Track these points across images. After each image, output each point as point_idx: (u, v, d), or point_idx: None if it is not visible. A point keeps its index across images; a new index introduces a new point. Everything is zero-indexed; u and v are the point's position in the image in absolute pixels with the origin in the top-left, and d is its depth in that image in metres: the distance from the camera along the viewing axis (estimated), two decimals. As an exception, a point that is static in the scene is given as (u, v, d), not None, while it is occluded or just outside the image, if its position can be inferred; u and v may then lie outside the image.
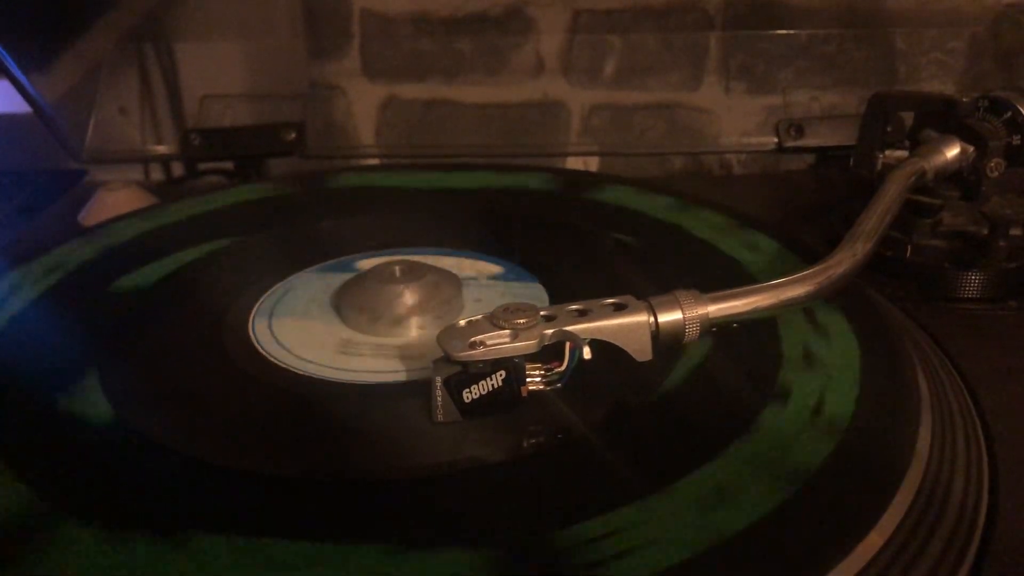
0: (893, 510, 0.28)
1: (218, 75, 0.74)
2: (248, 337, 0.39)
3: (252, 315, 0.41)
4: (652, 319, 0.32)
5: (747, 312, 0.34)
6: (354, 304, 0.40)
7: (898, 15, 0.68)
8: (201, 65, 0.74)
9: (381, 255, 0.46)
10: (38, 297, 0.43)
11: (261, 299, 0.43)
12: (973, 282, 0.46)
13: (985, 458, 0.34)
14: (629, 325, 0.32)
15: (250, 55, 0.75)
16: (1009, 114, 0.47)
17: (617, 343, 0.32)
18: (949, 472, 0.32)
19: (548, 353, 0.32)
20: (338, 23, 0.72)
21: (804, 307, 0.38)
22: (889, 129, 0.52)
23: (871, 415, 0.32)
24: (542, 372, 0.31)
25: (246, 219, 0.54)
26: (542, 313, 0.32)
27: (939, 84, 0.69)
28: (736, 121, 0.71)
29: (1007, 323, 0.44)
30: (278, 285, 0.44)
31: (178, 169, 0.77)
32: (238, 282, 0.45)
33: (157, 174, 0.78)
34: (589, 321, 0.32)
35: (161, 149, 0.75)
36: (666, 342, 0.33)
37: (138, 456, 0.32)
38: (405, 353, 0.38)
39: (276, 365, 0.37)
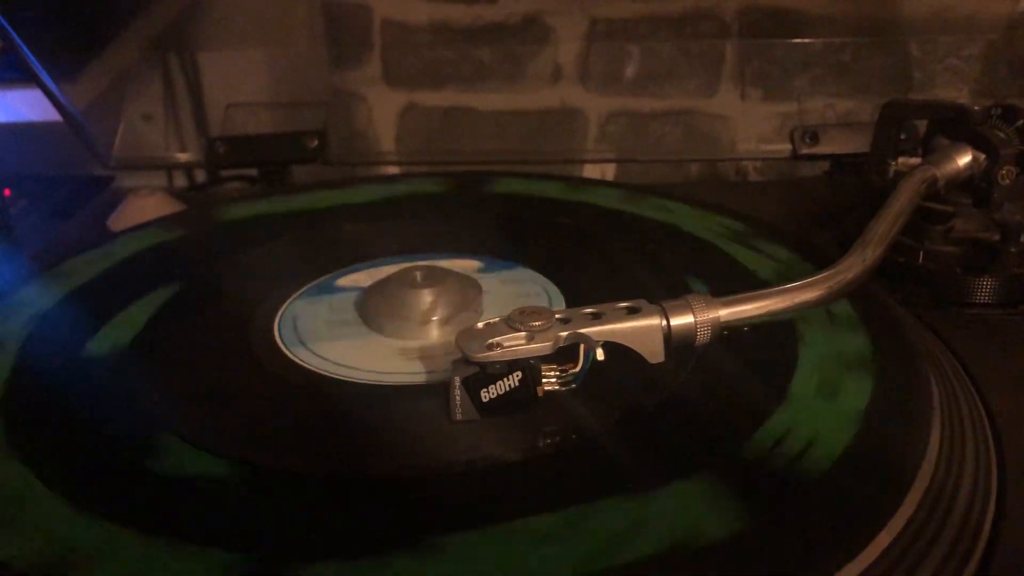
0: (902, 511, 0.29)
1: (241, 83, 0.76)
2: (274, 340, 0.41)
3: (278, 319, 0.43)
4: (664, 322, 0.33)
5: (758, 316, 0.34)
6: (377, 308, 0.41)
7: (913, 23, 0.69)
8: (224, 73, 0.76)
9: (404, 260, 0.47)
10: (67, 300, 0.45)
11: (287, 303, 0.44)
12: (985, 287, 0.46)
13: (994, 461, 0.34)
14: (642, 328, 0.33)
15: (272, 64, 0.76)
16: (1021, 122, 0.47)
17: (630, 345, 0.33)
18: (958, 474, 0.32)
19: (563, 355, 0.32)
20: (359, 32, 0.74)
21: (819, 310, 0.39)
22: (902, 137, 0.52)
23: (882, 418, 0.33)
24: (557, 373, 0.32)
25: (270, 225, 0.55)
26: (557, 316, 0.33)
27: (954, 91, 0.69)
28: (752, 128, 0.72)
29: (1018, 328, 0.45)
30: (303, 289, 0.46)
31: (201, 176, 0.78)
32: (264, 287, 0.46)
33: (181, 181, 0.79)
34: (603, 324, 0.33)
35: (186, 156, 0.76)
36: (678, 345, 0.33)
37: (166, 454, 0.33)
38: (425, 355, 0.39)
39: (301, 367, 0.38)
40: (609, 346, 0.33)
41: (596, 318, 0.33)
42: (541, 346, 0.32)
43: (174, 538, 0.28)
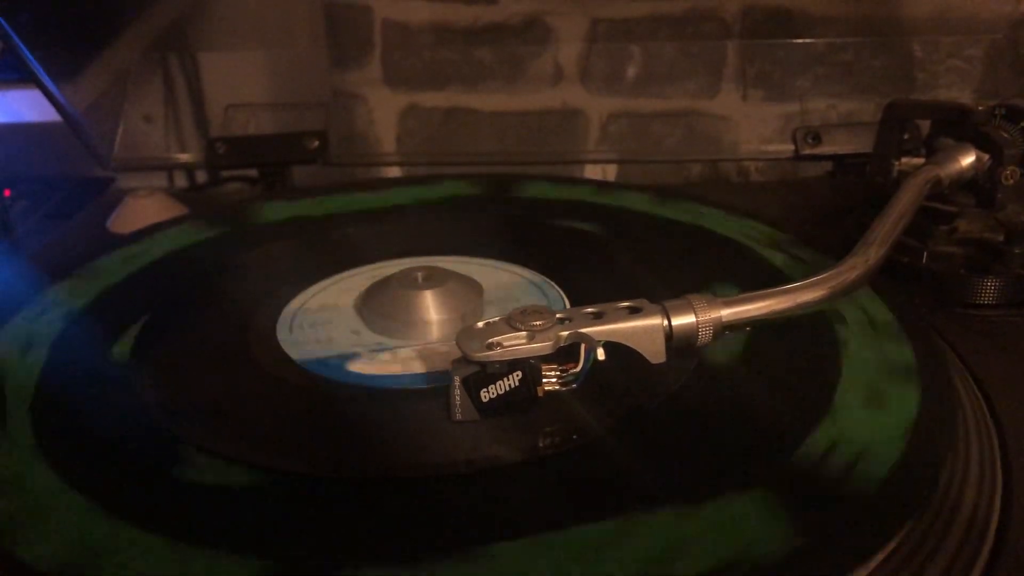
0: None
1: (241, 84, 0.76)
2: (275, 342, 0.40)
3: (279, 320, 0.42)
4: (666, 322, 0.33)
5: (760, 316, 0.34)
6: (378, 309, 0.41)
7: (916, 23, 0.69)
8: (225, 74, 0.76)
9: (404, 261, 0.47)
10: (76, 309, 0.44)
11: (288, 304, 0.44)
12: (989, 288, 0.46)
13: (999, 462, 0.34)
14: (643, 328, 0.33)
15: (273, 65, 0.76)
16: (1025, 122, 0.47)
17: (631, 345, 0.33)
18: (962, 476, 0.32)
19: (564, 354, 0.32)
20: (360, 33, 0.74)
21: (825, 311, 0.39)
22: (906, 137, 0.52)
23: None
24: (558, 373, 0.32)
25: (270, 228, 0.55)
26: (558, 315, 0.33)
27: (957, 91, 0.69)
28: (754, 128, 0.72)
29: (1022, 329, 0.44)
30: (304, 291, 0.45)
31: (202, 176, 0.78)
32: (265, 289, 0.46)
33: (181, 181, 0.79)
34: (604, 324, 0.33)
35: (186, 157, 0.76)
36: (680, 345, 0.33)
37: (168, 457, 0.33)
38: (426, 356, 0.39)
39: (302, 369, 0.38)
40: (610, 346, 0.33)
41: (597, 318, 0.33)
42: (541, 346, 0.32)
43: (180, 540, 0.28)
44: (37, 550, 0.27)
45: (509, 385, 0.32)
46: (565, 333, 0.32)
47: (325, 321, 0.42)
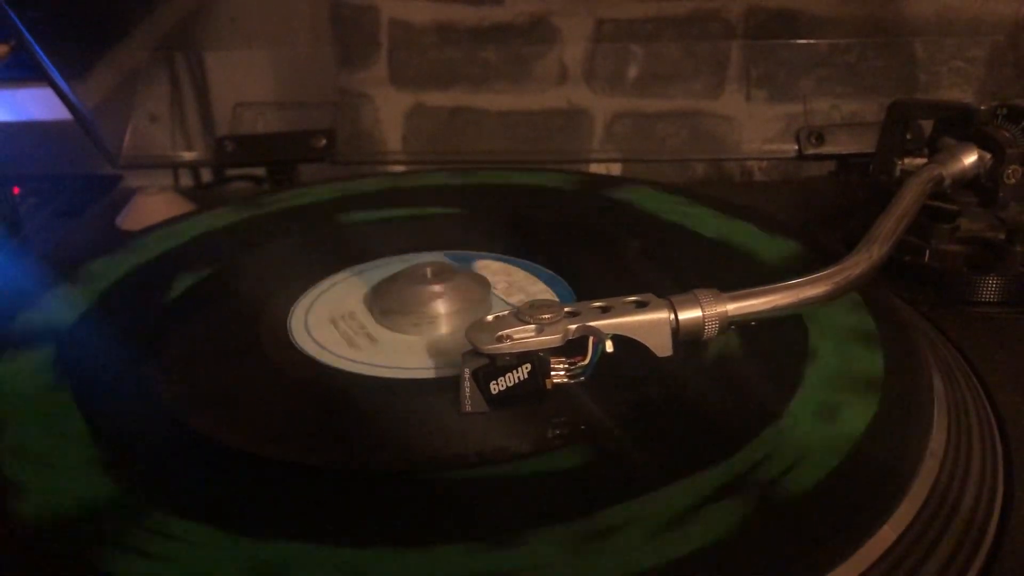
0: (907, 506, 0.29)
1: (248, 83, 0.76)
2: (286, 336, 0.41)
3: (290, 314, 0.43)
4: (673, 316, 0.33)
5: (765, 311, 0.35)
6: (388, 303, 0.42)
7: (918, 24, 0.69)
8: (231, 74, 0.76)
9: (413, 257, 0.48)
10: (88, 304, 0.45)
11: (298, 299, 0.44)
12: (991, 286, 0.47)
13: (1000, 458, 0.34)
14: (650, 322, 0.33)
15: (280, 64, 0.76)
16: (1027, 122, 0.48)
17: (638, 339, 0.33)
18: (964, 471, 0.32)
19: (572, 347, 0.33)
20: (366, 33, 0.74)
21: (824, 307, 0.39)
22: (908, 136, 0.52)
23: (888, 415, 0.33)
24: (566, 366, 0.33)
25: (282, 223, 0.55)
26: (566, 309, 0.33)
27: (959, 92, 0.69)
28: (757, 128, 0.72)
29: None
30: (314, 286, 0.46)
31: (207, 175, 0.79)
32: (276, 283, 0.46)
33: (187, 180, 0.80)
34: (612, 317, 0.33)
35: (194, 155, 0.77)
36: (686, 338, 0.34)
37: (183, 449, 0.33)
38: (433, 350, 0.39)
39: (313, 361, 0.39)
40: (617, 340, 0.33)
41: (605, 312, 0.33)
42: (550, 339, 0.32)
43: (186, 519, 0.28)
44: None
45: (518, 377, 0.32)
46: (573, 326, 0.32)
47: (335, 315, 0.43)
